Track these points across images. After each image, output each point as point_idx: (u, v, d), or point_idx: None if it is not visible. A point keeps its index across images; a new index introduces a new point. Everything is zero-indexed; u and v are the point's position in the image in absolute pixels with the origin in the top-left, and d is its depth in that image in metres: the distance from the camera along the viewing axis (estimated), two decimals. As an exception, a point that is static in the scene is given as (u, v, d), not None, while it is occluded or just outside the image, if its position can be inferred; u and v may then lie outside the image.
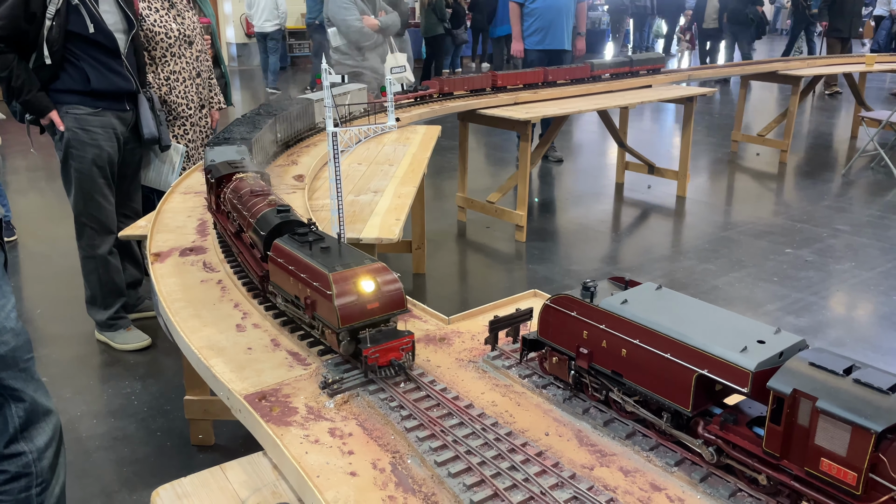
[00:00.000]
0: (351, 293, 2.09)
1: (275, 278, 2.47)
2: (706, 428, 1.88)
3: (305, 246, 2.32)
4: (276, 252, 2.40)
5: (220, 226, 3.37)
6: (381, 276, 2.16)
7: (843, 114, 14.86)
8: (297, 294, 2.31)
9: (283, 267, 2.34)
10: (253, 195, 2.89)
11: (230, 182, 3.22)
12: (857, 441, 1.54)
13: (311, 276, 2.17)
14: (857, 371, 1.66)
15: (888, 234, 7.62)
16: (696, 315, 2.01)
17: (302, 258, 2.25)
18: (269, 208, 2.70)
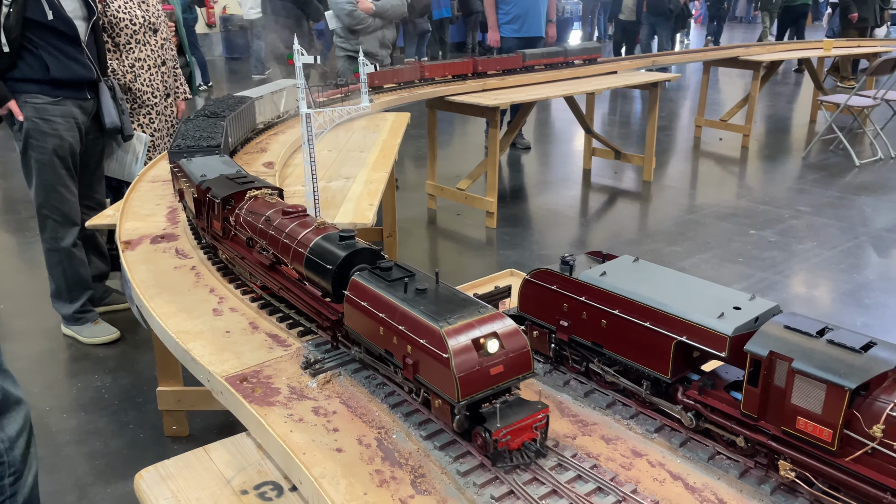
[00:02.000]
0: (471, 355, 1.64)
1: (353, 323, 2.04)
2: (685, 394, 1.93)
3: (396, 286, 1.89)
4: (356, 292, 1.97)
5: (226, 253, 2.87)
6: (503, 328, 1.73)
7: (802, 98, 15.20)
8: (388, 348, 1.87)
9: (369, 312, 1.91)
10: (287, 217, 2.47)
11: (242, 202, 2.73)
12: (832, 399, 1.59)
13: (414, 330, 1.73)
14: (830, 332, 1.72)
15: (847, 213, 7.84)
16: (673, 284, 2.05)
17: (396, 303, 1.81)
18: (321, 234, 2.28)
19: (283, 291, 2.52)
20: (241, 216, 2.69)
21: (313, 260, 2.25)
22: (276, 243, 2.46)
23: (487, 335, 1.71)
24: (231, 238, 2.81)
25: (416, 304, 1.80)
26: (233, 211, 2.75)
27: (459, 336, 1.68)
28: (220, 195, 2.77)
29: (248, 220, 2.64)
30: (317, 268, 2.23)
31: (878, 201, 8.20)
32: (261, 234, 2.56)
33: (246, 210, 2.68)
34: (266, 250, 2.53)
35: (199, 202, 3.01)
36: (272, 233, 2.49)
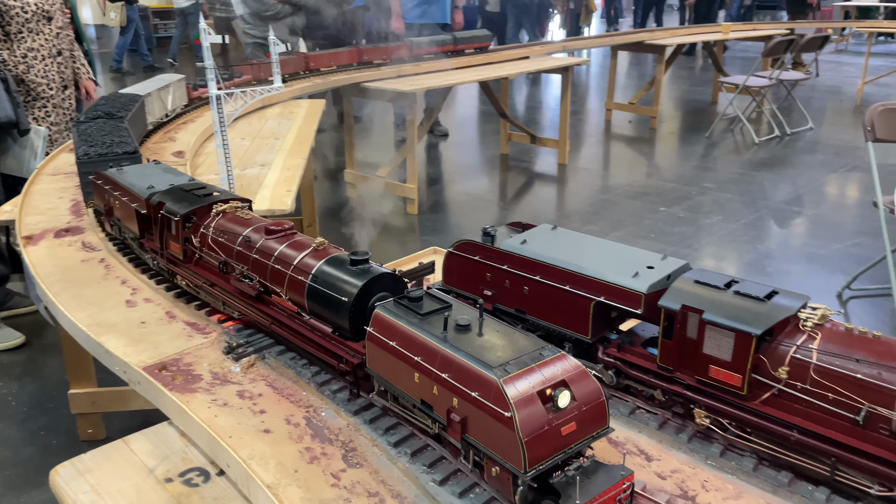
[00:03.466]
0: (538, 411, 1.35)
1: (378, 366, 1.71)
2: (605, 352, 1.99)
3: (431, 321, 1.59)
4: (381, 329, 1.66)
5: (187, 279, 2.50)
6: (571, 374, 1.44)
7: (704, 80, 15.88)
8: (426, 399, 1.56)
9: (399, 355, 1.60)
10: (274, 237, 2.14)
11: (207, 219, 2.40)
12: (740, 346, 1.69)
13: (463, 379, 1.43)
14: (736, 285, 1.81)
15: (749, 188, 8.27)
16: (590, 249, 2.12)
17: (435, 344, 1.51)
18: (324, 258, 1.97)
19: (278, 327, 2.14)
20: (210, 236, 2.34)
21: (319, 290, 1.90)
22: (261, 269, 2.12)
23: (555, 384, 1.40)
24: (195, 262, 2.44)
25: (461, 344, 1.48)
26: (196, 230, 2.40)
27: (522, 387, 1.36)
28: (179, 212, 2.40)
29: (221, 242, 2.29)
30: (325, 300, 1.88)
31: (776, 176, 8.69)
32: (239, 257, 2.21)
33: (215, 229, 2.34)
34: (249, 278, 2.18)
35: (148, 220, 2.59)
36: (256, 257, 2.14)
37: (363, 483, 1.75)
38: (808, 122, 10.59)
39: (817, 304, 1.72)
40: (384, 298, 1.84)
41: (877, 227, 5.23)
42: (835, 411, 1.59)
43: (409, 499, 1.71)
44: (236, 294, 2.27)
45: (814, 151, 9.66)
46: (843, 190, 8.43)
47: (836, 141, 10.21)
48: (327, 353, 1.98)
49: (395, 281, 1.91)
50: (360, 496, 1.71)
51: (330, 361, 1.98)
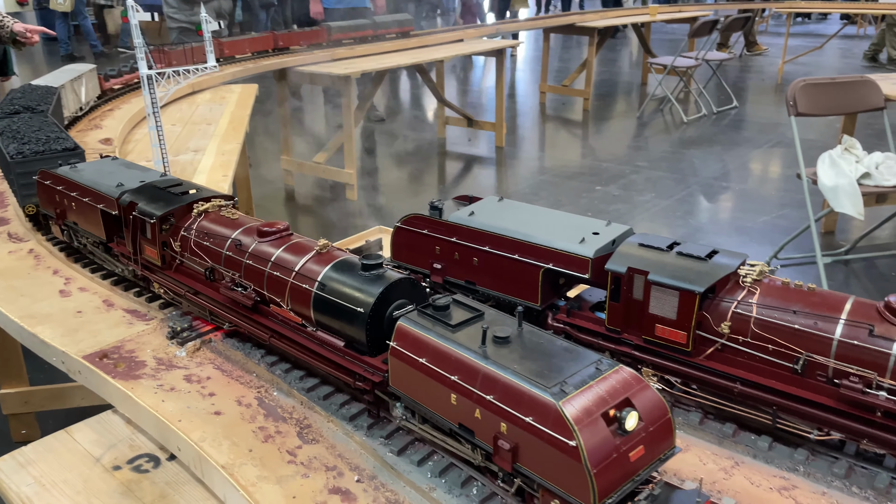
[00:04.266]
0: (605, 437, 1.20)
1: (404, 386, 1.54)
2: (555, 318, 2.03)
3: (466, 333, 1.44)
4: (406, 344, 1.49)
5: (166, 286, 2.29)
6: (633, 389, 1.30)
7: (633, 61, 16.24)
8: (466, 423, 1.39)
9: (431, 373, 1.43)
10: (268, 240, 1.95)
11: (188, 220, 2.19)
12: (685, 303, 1.74)
13: (512, 401, 1.28)
14: (678, 246, 1.87)
15: (680, 166, 8.52)
16: (537, 218, 2.14)
17: (475, 361, 1.36)
18: (330, 263, 1.80)
19: (279, 341, 1.94)
20: (192, 240, 2.13)
21: (328, 300, 1.73)
22: (256, 277, 1.93)
23: (619, 404, 1.25)
24: (176, 268, 2.22)
25: (505, 360, 1.34)
26: (175, 233, 2.18)
27: (584, 410, 1.21)
28: (154, 213, 2.17)
29: (206, 246, 2.08)
30: (336, 311, 1.71)
31: (705, 153, 8.98)
32: (229, 263, 2.01)
33: (198, 231, 2.13)
34: (242, 286, 1.97)
35: (118, 222, 2.36)
36: (249, 262, 1.95)
37: (320, 458, 1.74)
38: (733, 100, 10.97)
39: (755, 262, 1.79)
40: (402, 307, 1.67)
41: (801, 199, 5.48)
42: (775, 362, 1.67)
43: (368, 470, 1.71)
44: (227, 304, 2.04)
45: (739, 129, 10.02)
46: (767, 165, 8.79)
47: (760, 118, 10.63)
48: (341, 370, 1.76)
49: (413, 286, 1.73)
50: (318, 471, 1.70)
51: (344, 379, 1.77)
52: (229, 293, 2.00)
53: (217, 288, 2.08)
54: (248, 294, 1.95)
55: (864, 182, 4.87)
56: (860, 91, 5.11)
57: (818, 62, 14.22)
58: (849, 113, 5.55)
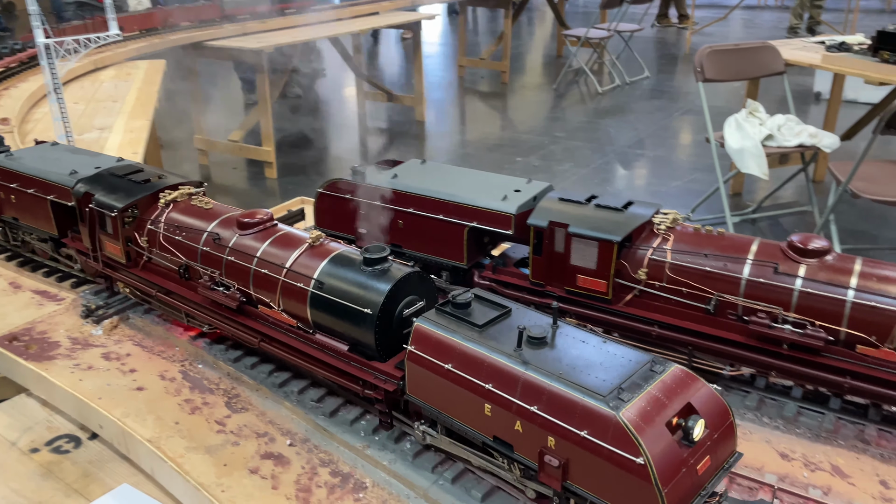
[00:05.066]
0: (672, 450, 1.06)
1: (426, 394, 1.36)
2: (481, 276, 2.06)
3: (496, 334, 1.30)
4: (426, 347, 1.33)
5: (132, 286, 2.04)
6: (696, 395, 1.16)
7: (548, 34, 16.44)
8: (503, 436, 1.24)
9: (459, 381, 1.27)
10: (250, 232, 1.75)
11: (155, 212, 1.93)
12: (604, 253, 1.80)
13: (561, 413, 1.14)
14: (596, 199, 1.93)
15: (596, 135, 8.72)
16: (460, 178, 2.16)
17: (512, 367, 1.21)
18: (327, 257, 1.61)
19: (270, 345, 1.72)
20: (161, 234, 1.89)
21: (328, 300, 1.55)
22: (240, 275, 1.72)
23: (682, 410, 1.12)
24: (143, 266, 1.98)
25: (547, 365, 1.20)
26: (141, 227, 1.93)
27: (648, 422, 1.07)
28: (115, 205, 1.90)
29: (178, 241, 1.85)
30: (338, 311, 1.54)
31: (619, 122, 9.22)
32: (207, 260, 1.78)
33: (168, 224, 1.88)
34: (225, 286, 1.75)
35: (72, 214, 2.07)
36: (231, 259, 1.73)
37: (251, 426, 1.72)
38: (645, 70, 11.28)
39: (668, 210, 1.87)
40: (412, 304, 1.53)
41: (711, 163, 5.70)
42: (689, 304, 1.75)
43: (300, 434, 1.70)
44: (207, 305, 1.86)
45: (651, 98, 10.33)
46: (679, 131, 9.11)
47: (670, 87, 10.98)
48: (346, 378, 1.59)
49: (421, 280, 1.56)
50: (249, 438, 1.68)
51: (350, 387, 1.59)
52: (209, 293, 1.80)
53: (194, 287, 1.87)
54: (232, 294, 1.76)
55: (768, 143, 5.12)
56: (762, 56, 5.35)
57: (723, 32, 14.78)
58: (752, 78, 5.80)
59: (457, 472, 1.52)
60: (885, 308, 1.51)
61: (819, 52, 5.19)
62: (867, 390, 1.57)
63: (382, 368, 1.53)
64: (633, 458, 1.04)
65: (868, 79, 4.55)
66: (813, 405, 1.69)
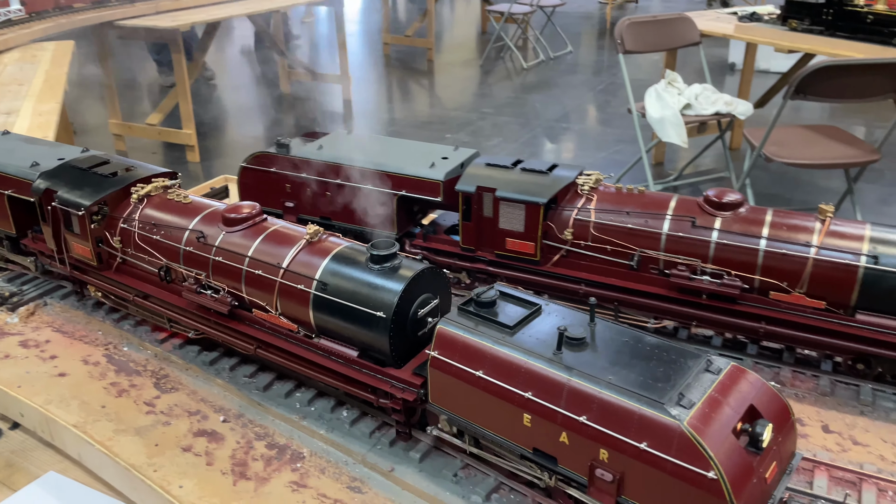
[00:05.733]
0: (743, 462, 0.99)
1: (450, 402, 1.27)
2: (412, 244, 2.06)
3: (530, 335, 1.21)
4: (451, 352, 1.24)
5: (104, 289, 1.88)
6: (758, 395, 1.08)
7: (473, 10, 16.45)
8: (543, 447, 1.15)
9: (492, 388, 1.18)
10: (238, 228, 1.62)
11: (127, 209, 1.78)
12: (531, 216, 1.83)
13: (614, 422, 1.06)
14: (522, 163, 1.95)
15: (523, 111, 8.81)
16: (387, 148, 2.15)
17: (553, 374, 1.13)
18: (329, 254, 1.49)
19: (267, 352, 1.60)
20: (136, 233, 1.74)
21: (333, 303, 1.42)
22: (231, 276, 1.58)
23: (746, 414, 1.04)
24: (117, 268, 1.82)
25: (593, 369, 1.11)
26: (113, 225, 1.78)
27: (716, 430, 0.99)
28: (82, 203, 1.73)
29: (156, 241, 1.71)
30: (346, 314, 1.42)
31: (545, 97, 9.34)
32: (190, 261, 1.64)
33: (143, 222, 1.72)
34: (213, 289, 1.61)
35: (31, 211, 1.89)
36: (219, 259, 1.59)
37: (181, 405, 1.68)
38: (568, 45, 11.44)
39: (591, 171, 1.91)
40: (427, 303, 1.42)
41: (633, 135, 5.85)
42: (614, 261, 1.80)
43: (234, 410, 1.68)
44: (193, 310, 1.69)
45: (575, 72, 10.49)
46: (602, 104, 9.30)
47: (593, 61, 11.18)
48: (357, 386, 1.48)
49: (434, 276, 1.45)
50: (180, 417, 1.64)
51: (361, 396, 1.49)
52: (195, 298, 1.64)
53: (178, 291, 1.71)
54: (222, 298, 1.60)
55: (686, 112, 5.29)
56: (678, 28, 5.50)
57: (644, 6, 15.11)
58: (670, 49, 5.96)
59: (393, 436, 1.54)
60: (794, 255, 1.59)
61: (732, 22, 5.38)
62: (781, 334, 1.66)
63: (399, 376, 1.40)
64: (703, 472, 0.96)
65: (777, 47, 4.75)
66: (731, 352, 1.77)
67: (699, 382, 1.07)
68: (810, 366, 1.72)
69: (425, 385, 1.34)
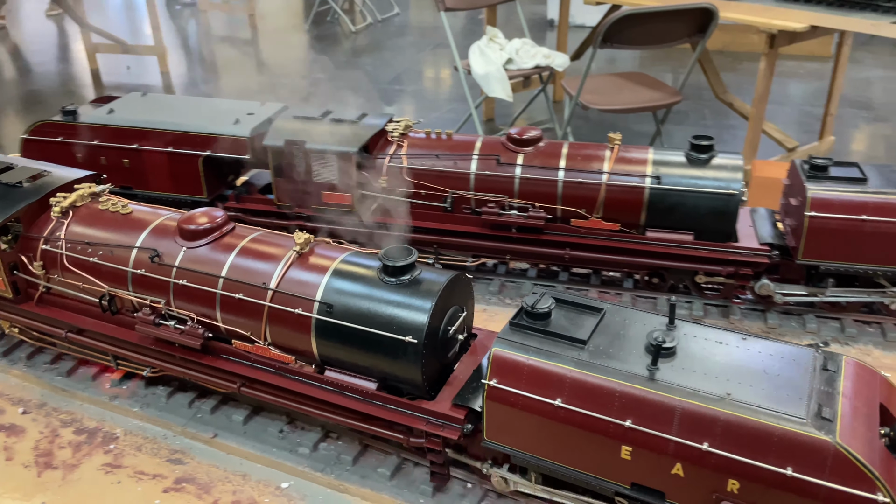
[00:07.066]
0: (893, 473, 0.89)
1: (515, 439, 1.06)
2: (224, 207, 1.98)
3: (603, 345, 1.02)
4: (512, 379, 1.03)
5: (23, 324, 1.51)
6: (883, 392, 0.99)
7: (296, -20, 15.89)
8: (647, 482, 0.98)
9: (577, 419, 0.99)
10: (207, 242, 1.30)
11: (47, 224, 1.41)
12: (344, 165, 1.81)
13: (745, 447, 0.89)
14: (331, 113, 1.92)
15: (355, 75, 8.69)
16: (188, 107, 2.03)
17: (660, 397, 0.94)
18: (328, 270, 1.22)
19: (257, 390, 1.29)
20: (65, 254, 1.35)
21: (341, 328, 1.17)
22: (201, 301, 1.26)
23: (880, 415, 0.92)
24: (40, 300, 1.42)
25: (702, 384, 0.94)
26: (31, 247, 1.38)
27: (868, 442, 0.86)
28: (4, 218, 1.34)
29: (94, 264, 1.34)
30: (360, 340, 1.16)
31: (376, 60, 9.26)
32: (143, 284, 1.30)
33: (71, 241, 1.34)
34: (177, 319, 1.29)
35: None
36: (183, 283, 1.27)
37: (-29, 402, 1.52)
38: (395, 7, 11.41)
39: (400, 118, 1.92)
40: (456, 317, 1.19)
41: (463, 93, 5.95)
42: (430, 205, 1.82)
43: (35, 400, 1.54)
44: (150, 346, 1.34)
45: (404, 34, 10.49)
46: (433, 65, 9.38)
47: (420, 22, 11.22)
48: (379, 424, 1.20)
49: (459, 282, 1.22)
50: (-29, 415, 1.49)
51: (386, 436, 1.21)
52: (155, 331, 1.30)
53: (128, 323, 1.36)
54: (192, 330, 1.28)
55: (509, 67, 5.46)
56: (494, -16, 5.63)
57: (465, -31, 15.33)
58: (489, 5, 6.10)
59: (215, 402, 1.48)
60: (589, 182, 1.70)
61: (542, -24, 5.56)
62: (584, 258, 1.77)
63: (436, 410, 1.16)
64: (869, 495, 0.82)
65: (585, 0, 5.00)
66: (545, 281, 1.87)
67: (824, 386, 0.94)
68: (615, 286, 1.86)
69: (470, 418, 1.13)
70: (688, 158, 1.68)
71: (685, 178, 1.65)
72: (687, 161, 1.67)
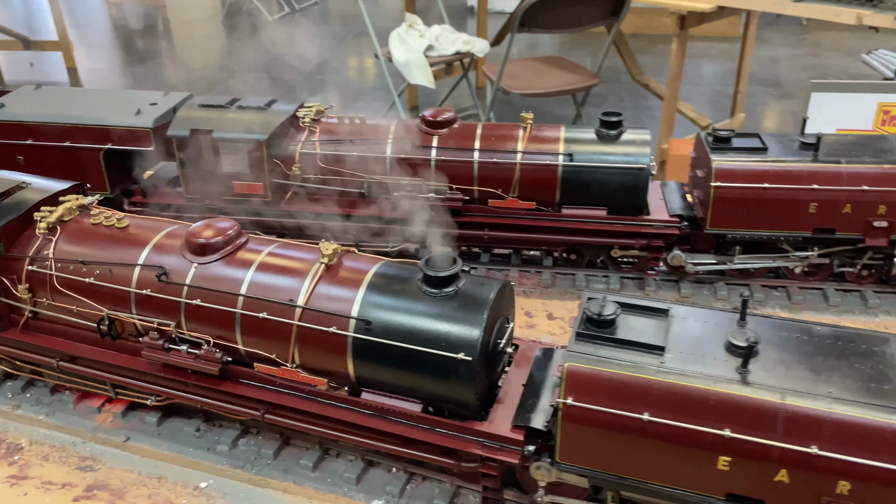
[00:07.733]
0: None
1: (594, 458, 1.01)
2: (130, 202, 1.90)
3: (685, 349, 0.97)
4: (592, 395, 0.97)
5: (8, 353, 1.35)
6: None
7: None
8: (743, 490, 0.95)
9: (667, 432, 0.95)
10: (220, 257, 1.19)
11: (33, 242, 1.26)
12: (255, 153, 1.76)
13: (858, 448, 0.88)
14: (239, 101, 1.87)
15: (275, 65, 8.51)
16: (86, 100, 1.94)
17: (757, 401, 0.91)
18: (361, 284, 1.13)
19: (279, 417, 1.18)
20: (54, 275, 1.23)
21: (382, 346, 1.08)
22: (216, 322, 1.15)
23: None
24: (26, 325, 1.27)
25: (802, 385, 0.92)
26: (15, 268, 1.24)
27: None
28: None
29: (90, 284, 1.21)
30: (405, 359, 1.08)
31: (296, 50, 9.10)
32: (149, 306, 1.19)
33: (61, 260, 1.21)
34: (190, 343, 1.16)
35: None
36: (197, 303, 1.15)
37: None
38: (314, -3, 11.21)
39: (312, 103, 1.88)
40: (504, 329, 1.11)
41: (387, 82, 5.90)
42: (345, 191, 1.79)
43: (-73, 415, 1.45)
44: (158, 373, 1.22)
45: (324, 23, 10.32)
46: (355, 53, 9.27)
47: (340, 11, 11.07)
48: (426, 449, 1.10)
49: (506, 292, 1.14)
50: None
51: (435, 461, 1.12)
52: (163, 357, 1.19)
53: (132, 349, 1.24)
54: (209, 354, 1.17)
55: (430, 54, 5.44)
56: (411, -30, 5.58)
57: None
58: (407, -8, 6.06)
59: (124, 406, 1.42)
60: (503, 162, 1.70)
61: (458, -38, 5.55)
62: (502, 238, 1.78)
63: (494, 432, 1.07)
64: None
65: (502, -15, 5.01)
66: (468, 263, 1.87)
67: None
68: (535, 264, 1.87)
69: (530, 439, 1.06)
70: (598, 135, 1.70)
71: (596, 155, 1.67)
72: (597, 138, 1.70)
